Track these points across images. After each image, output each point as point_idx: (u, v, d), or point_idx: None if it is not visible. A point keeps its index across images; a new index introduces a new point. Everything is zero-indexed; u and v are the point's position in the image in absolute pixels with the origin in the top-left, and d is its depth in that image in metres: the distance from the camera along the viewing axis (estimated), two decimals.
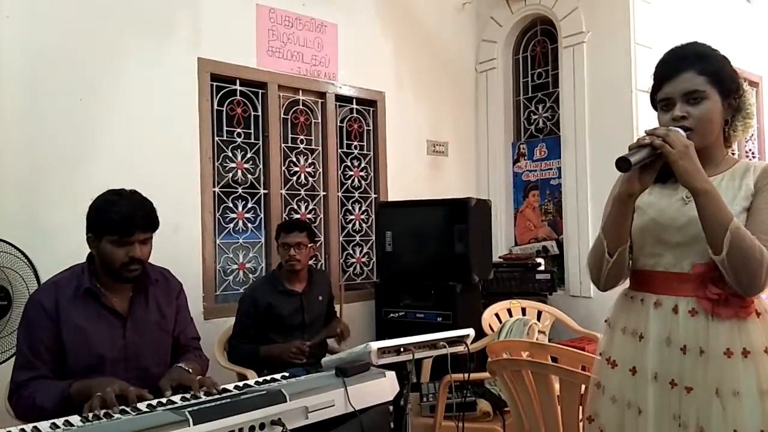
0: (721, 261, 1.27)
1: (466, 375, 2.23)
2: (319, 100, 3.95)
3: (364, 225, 4.19)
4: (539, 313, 3.61)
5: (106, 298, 1.87)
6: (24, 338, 1.81)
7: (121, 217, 1.81)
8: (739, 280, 1.28)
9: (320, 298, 3.02)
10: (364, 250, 4.19)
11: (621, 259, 1.42)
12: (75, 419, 1.47)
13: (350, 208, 4.13)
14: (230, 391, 1.67)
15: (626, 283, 1.52)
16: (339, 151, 4.06)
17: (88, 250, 1.91)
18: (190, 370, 1.86)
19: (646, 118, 3.81)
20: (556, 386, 1.93)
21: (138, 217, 1.84)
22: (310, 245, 2.97)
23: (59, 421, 1.44)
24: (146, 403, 1.57)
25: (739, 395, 1.28)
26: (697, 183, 1.28)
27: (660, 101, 1.44)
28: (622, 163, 1.28)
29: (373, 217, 4.12)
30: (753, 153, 5.39)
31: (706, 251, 1.32)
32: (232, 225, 3.57)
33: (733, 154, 1.56)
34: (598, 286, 1.49)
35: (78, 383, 1.70)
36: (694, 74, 1.38)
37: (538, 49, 4.69)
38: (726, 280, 1.30)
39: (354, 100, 4.11)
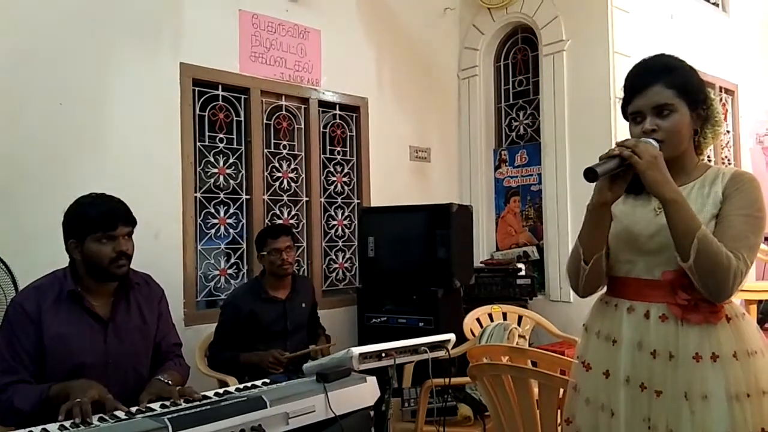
0: (689, 268, 1.30)
1: (447, 380, 2.25)
2: (302, 106, 3.96)
3: (346, 230, 4.20)
4: (520, 318, 3.64)
5: (89, 302, 1.86)
6: (5, 342, 1.79)
7: (102, 212, 1.83)
8: (707, 286, 1.31)
9: (303, 305, 3.01)
10: (347, 256, 4.20)
11: (597, 266, 1.45)
12: (52, 427, 1.45)
13: (333, 213, 4.14)
14: (210, 397, 1.67)
15: (604, 289, 1.55)
16: (322, 156, 4.07)
17: (68, 257, 1.90)
18: (170, 382, 1.84)
19: (624, 125, 3.85)
20: (535, 390, 1.95)
21: (119, 211, 1.87)
22: (294, 247, 3.01)
23: (36, 429, 1.43)
24: (125, 410, 1.57)
25: (707, 399, 1.31)
26: (665, 192, 1.31)
27: (631, 114, 1.47)
28: (589, 174, 1.32)
29: (356, 222, 4.12)
30: (729, 159, 5.50)
31: (675, 258, 1.35)
32: (213, 230, 3.56)
33: (709, 160, 1.60)
34: (577, 292, 1.53)
35: (57, 386, 1.69)
36: (662, 87, 1.40)
37: (519, 57, 4.74)
38: (695, 286, 1.33)
39: (337, 106, 4.12)
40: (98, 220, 1.82)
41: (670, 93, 1.40)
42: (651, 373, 1.37)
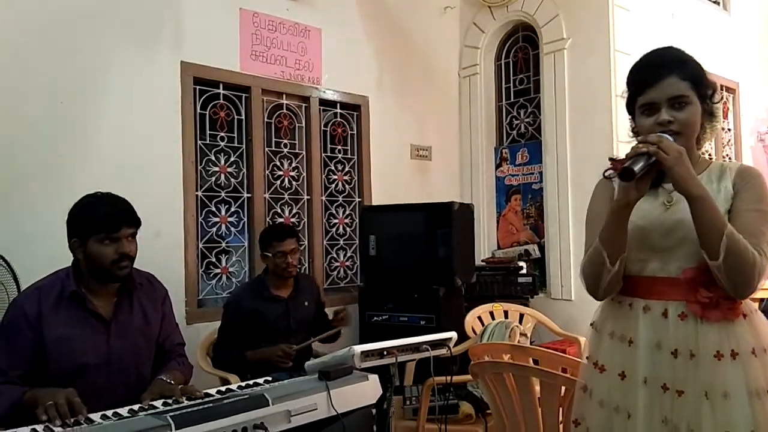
0: (717, 266, 1.28)
1: (449, 378, 2.25)
2: (303, 104, 3.96)
3: (347, 229, 4.20)
4: (521, 316, 3.64)
5: (91, 302, 1.85)
6: (1, 346, 1.78)
7: (105, 214, 1.82)
8: (734, 284, 1.29)
9: (306, 303, 3.00)
10: (348, 254, 4.20)
11: (621, 267, 1.41)
12: (55, 426, 1.46)
13: (334, 212, 4.14)
14: (213, 395, 1.67)
15: None
16: (323, 155, 4.07)
17: (70, 255, 1.89)
18: (172, 382, 1.83)
19: (625, 123, 3.85)
20: (537, 388, 1.96)
21: (122, 213, 1.85)
22: (299, 249, 3.00)
23: (39, 428, 1.43)
24: (128, 408, 1.57)
25: (728, 397, 1.29)
26: (692, 189, 1.28)
27: (642, 106, 1.43)
28: (626, 173, 1.28)
29: (357, 221, 4.12)
30: (730, 157, 5.49)
31: (692, 255, 1.33)
32: (215, 229, 3.56)
33: (710, 157, 1.58)
34: (595, 295, 1.48)
35: (31, 392, 1.68)
36: (677, 79, 1.38)
37: (519, 55, 4.74)
38: (717, 284, 1.30)
39: (338, 105, 4.12)
40: (101, 222, 1.81)
41: (685, 85, 1.38)
42: (673, 373, 1.35)
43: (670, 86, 1.38)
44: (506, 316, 3.59)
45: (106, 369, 1.84)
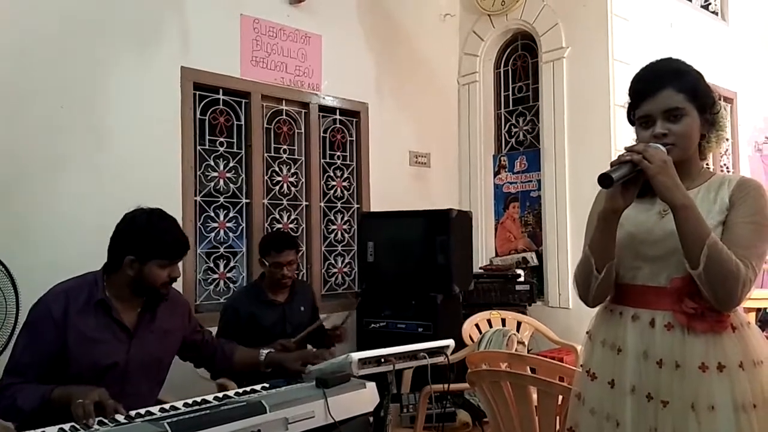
0: (698, 275, 1.28)
1: (446, 386, 2.25)
2: (303, 111, 3.97)
3: (346, 235, 4.20)
4: (519, 324, 3.64)
5: (117, 311, 1.87)
6: (23, 343, 1.80)
7: (175, 241, 1.89)
8: (716, 294, 1.28)
9: (302, 308, 3.00)
10: (346, 260, 4.20)
11: (609, 275, 1.41)
12: (52, 430, 1.45)
13: (332, 218, 4.14)
14: (210, 402, 1.67)
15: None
16: (322, 161, 4.07)
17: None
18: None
19: (623, 132, 3.88)
20: (534, 397, 1.95)
21: (186, 242, 1.93)
22: (297, 260, 3.00)
23: (51, 430, 1.43)
24: (125, 414, 1.57)
25: (714, 410, 1.29)
26: (675, 198, 1.29)
27: (639, 118, 1.43)
28: (604, 180, 1.29)
29: (355, 227, 4.13)
30: (727, 167, 5.51)
31: (682, 265, 1.32)
32: (213, 234, 3.56)
33: (707, 166, 1.58)
34: (586, 302, 1.48)
35: (59, 389, 1.69)
36: (673, 92, 1.38)
37: (518, 63, 4.76)
38: (703, 295, 1.30)
39: (337, 111, 4.13)
40: (172, 249, 1.88)
41: (681, 97, 1.38)
42: (658, 383, 1.34)
43: (665, 99, 1.38)
44: (504, 324, 3.58)
45: (122, 377, 1.85)
